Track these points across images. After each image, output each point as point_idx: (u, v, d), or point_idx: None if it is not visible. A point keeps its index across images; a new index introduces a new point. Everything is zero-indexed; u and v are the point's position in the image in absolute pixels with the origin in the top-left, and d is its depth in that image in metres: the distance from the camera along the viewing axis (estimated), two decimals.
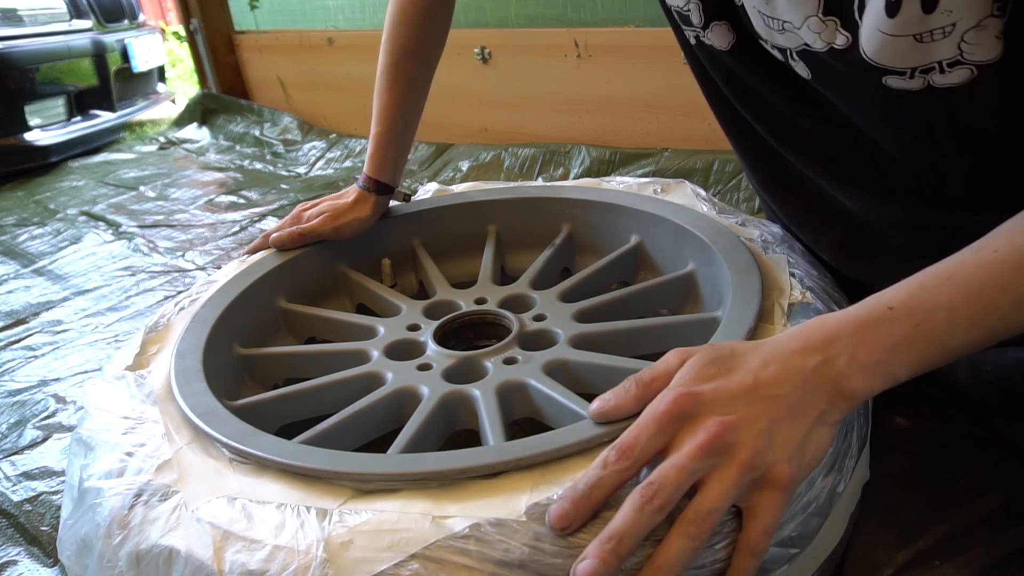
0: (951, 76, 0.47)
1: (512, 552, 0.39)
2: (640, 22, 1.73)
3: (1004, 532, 0.52)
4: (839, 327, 0.44)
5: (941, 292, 0.43)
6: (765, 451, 0.40)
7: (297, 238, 0.79)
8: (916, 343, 0.42)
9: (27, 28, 2.57)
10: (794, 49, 0.55)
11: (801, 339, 0.44)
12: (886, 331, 0.42)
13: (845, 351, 0.42)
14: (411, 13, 0.81)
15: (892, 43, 0.47)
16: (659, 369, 0.45)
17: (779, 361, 0.43)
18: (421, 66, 0.83)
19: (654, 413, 0.41)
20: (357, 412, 0.58)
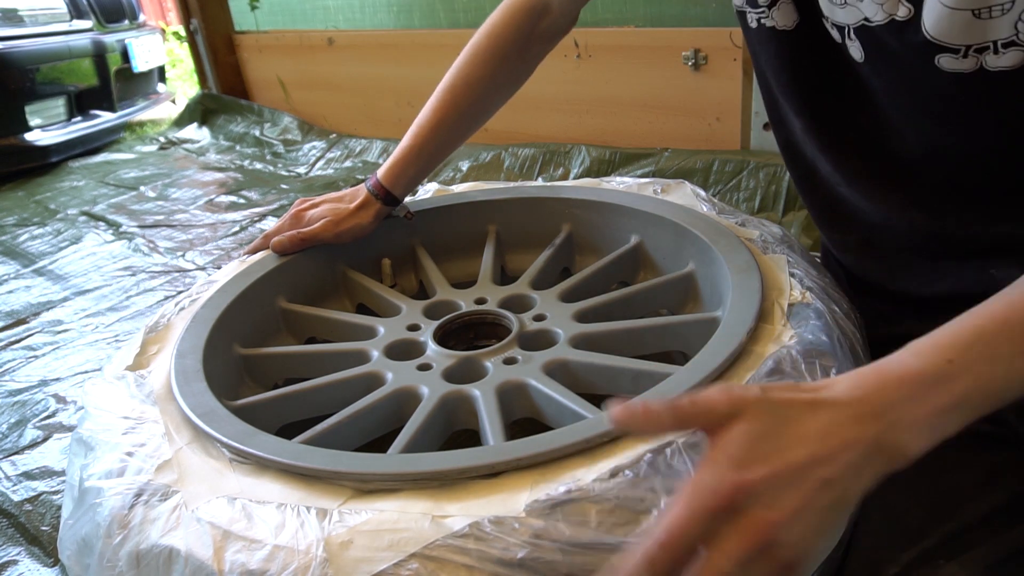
0: (1004, 58, 0.48)
1: (511, 551, 0.39)
2: (640, 22, 1.73)
3: (1009, 530, 0.52)
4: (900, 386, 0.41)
5: (999, 341, 0.41)
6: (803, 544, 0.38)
7: (298, 243, 0.79)
8: (974, 399, 0.40)
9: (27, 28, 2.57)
10: (852, 26, 0.56)
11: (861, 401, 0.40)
12: (946, 390, 0.40)
13: (906, 416, 0.40)
14: (489, 51, 0.81)
15: (951, 16, 0.47)
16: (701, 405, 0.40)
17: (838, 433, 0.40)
18: (475, 104, 0.82)
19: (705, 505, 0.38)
20: (357, 412, 0.58)
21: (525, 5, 0.81)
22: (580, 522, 0.41)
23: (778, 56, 0.65)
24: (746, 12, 0.65)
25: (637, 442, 0.45)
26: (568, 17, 0.84)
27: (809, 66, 0.63)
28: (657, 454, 0.44)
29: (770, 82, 0.69)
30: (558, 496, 0.42)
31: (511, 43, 0.81)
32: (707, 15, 1.61)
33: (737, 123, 1.64)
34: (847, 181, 0.65)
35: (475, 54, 0.81)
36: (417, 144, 0.81)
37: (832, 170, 0.66)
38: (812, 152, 0.68)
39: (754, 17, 0.64)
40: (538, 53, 0.85)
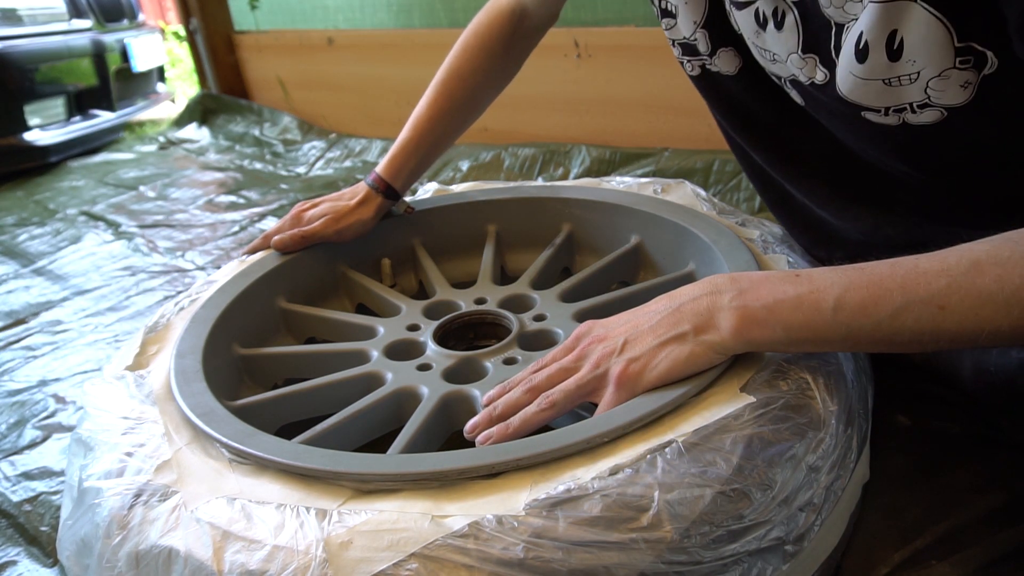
0: (923, 116, 0.49)
1: (511, 550, 0.39)
2: (640, 22, 1.73)
3: (1002, 531, 0.52)
4: (742, 275, 0.48)
5: (847, 273, 0.45)
6: (610, 357, 0.49)
7: (299, 240, 0.79)
8: (804, 306, 0.45)
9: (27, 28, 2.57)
10: (786, 78, 0.58)
11: (706, 281, 0.49)
12: (781, 287, 0.46)
13: (734, 291, 0.47)
14: (477, 47, 0.83)
15: (864, 85, 0.49)
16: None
17: (673, 295, 0.50)
18: (468, 95, 0.83)
19: (564, 344, 0.53)
20: (357, 412, 0.58)
21: (504, 9, 0.83)
22: (580, 521, 0.41)
23: (727, 99, 0.66)
24: (683, 62, 0.66)
25: (637, 442, 0.45)
26: (546, 17, 0.86)
27: (760, 106, 0.64)
28: (657, 453, 0.44)
29: (723, 123, 0.70)
30: (558, 495, 0.42)
31: (496, 41, 0.83)
32: None
33: None
34: (819, 204, 0.66)
35: (464, 49, 0.83)
36: (415, 136, 0.82)
37: (803, 195, 0.67)
38: (780, 179, 0.69)
39: (696, 64, 0.66)
40: (523, 49, 0.88)
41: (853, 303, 0.44)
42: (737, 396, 0.48)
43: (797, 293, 0.45)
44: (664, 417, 0.47)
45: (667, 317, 0.48)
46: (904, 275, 0.43)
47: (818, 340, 0.45)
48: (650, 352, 0.48)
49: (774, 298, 0.46)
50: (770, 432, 0.45)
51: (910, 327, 0.43)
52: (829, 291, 0.44)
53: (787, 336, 0.45)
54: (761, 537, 0.43)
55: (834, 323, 0.44)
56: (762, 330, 0.46)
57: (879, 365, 0.62)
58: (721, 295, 0.47)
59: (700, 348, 0.47)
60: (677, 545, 0.41)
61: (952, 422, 0.61)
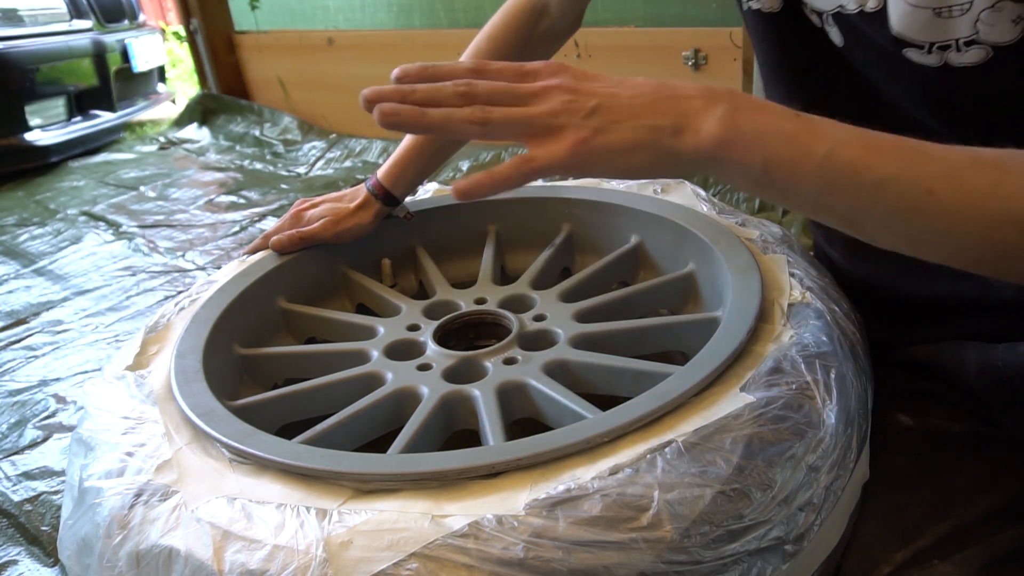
0: (967, 55, 0.48)
1: (511, 550, 0.39)
2: (640, 22, 1.73)
3: (1004, 531, 0.52)
4: (744, 95, 0.44)
5: (849, 130, 0.42)
6: (575, 115, 0.43)
7: (297, 242, 0.79)
8: (795, 143, 0.42)
9: (27, 28, 2.57)
10: (829, 12, 0.56)
11: (706, 87, 0.44)
12: (778, 120, 0.43)
13: (730, 105, 0.43)
14: (489, 53, 0.81)
15: (913, 13, 0.48)
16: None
17: (665, 83, 0.45)
18: None
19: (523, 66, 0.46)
20: (357, 412, 0.58)
21: (524, 7, 0.81)
22: (580, 521, 0.41)
23: (766, 39, 0.65)
24: None
25: (637, 441, 0.45)
26: (568, 20, 0.84)
27: (796, 50, 0.63)
28: (657, 452, 0.44)
29: (762, 66, 0.69)
30: (558, 495, 0.42)
31: (511, 45, 0.81)
32: (707, 15, 1.61)
33: None
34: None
35: (475, 56, 0.81)
36: (418, 144, 0.81)
37: None
38: None
39: (744, 1, 0.65)
40: (539, 55, 0.85)
41: (844, 157, 0.41)
42: (737, 396, 0.48)
43: (794, 129, 0.42)
44: (664, 417, 0.47)
45: (652, 102, 0.44)
46: (906, 149, 0.41)
47: (791, 187, 0.43)
48: (620, 132, 0.43)
49: (768, 125, 0.42)
50: (770, 432, 0.45)
51: (889, 203, 0.40)
52: (825, 138, 0.42)
53: (764, 169, 0.42)
54: (761, 537, 0.43)
55: (816, 172, 0.41)
56: (742, 152, 0.42)
57: (879, 365, 0.62)
58: (716, 103, 0.43)
59: (669, 150, 0.43)
60: (677, 545, 0.41)
61: (953, 421, 0.61)
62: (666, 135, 0.43)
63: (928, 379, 0.64)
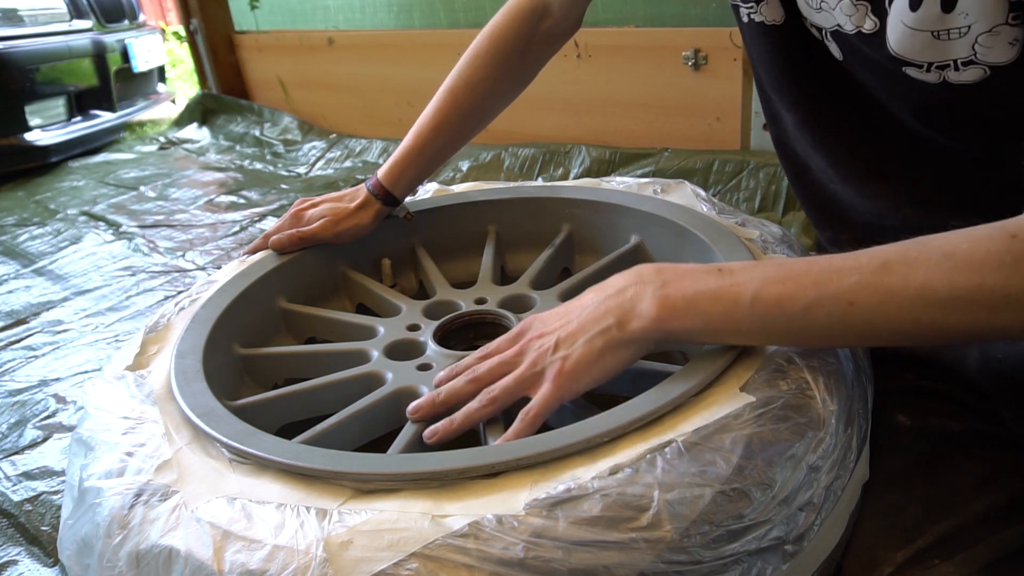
0: (965, 74, 0.49)
1: (511, 550, 0.39)
2: (640, 22, 1.73)
3: (1005, 530, 0.51)
4: (668, 267, 0.50)
5: (767, 268, 0.47)
6: (547, 356, 0.51)
7: (297, 241, 0.79)
8: (723, 298, 0.47)
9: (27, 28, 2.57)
10: (828, 29, 0.58)
11: (634, 271, 0.51)
12: (703, 280, 0.48)
13: (658, 282, 0.49)
14: (490, 53, 0.81)
15: (912, 36, 0.49)
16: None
17: (601, 287, 0.52)
18: (477, 106, 0.82)
19: (508, 335, 0.56)
20: (357, 412, 0.58)
21: (525, 7, 0.81)
22: (580, 521, 0.41)
23: (769, 51, 0.65)
24: (739, 7, 0.65)
25: (637, 441, 0.45)
26: (569, 21, 0.84)
27: (798, 61, 0.64)
28: (657, 452, 0.44)
29: (762, 78, 0.69)
30: (558, 495, 0.42)
31: (512, 45, 0.82)
32: (707, 15, 1.61)
33: (737, 123, 1.64)
34: (840, 178, 0.66)
35: (476, 56, 0.82)
36: (418, 145, 0.81)
37: (825, 167, 0.67)
38: (804, 149, 0.69)
39: (745, 12, 0.65)
40: (540, 56, 0.85)
41: (769, 297, 0.45)
42: (737, 396, 0.48)
43: (718, 286, 0.47)
44: (664, 417, 0.47)
45: (594, 311, 0.51)
46: (819, 271, 0.45)
47: (735, 331, 0.48)
48: (580, 350, 0.50)
49: (695, 290, 0.48)
50: (770, 432, 0.45)
51: (821, 321, 0.45)
52: (748, 285, 0.46)
53: (705, 326, 0.48)
54: (761, 537, 0.43)
55: (751, 315, 0.46)
56: (682, 320, 0.48)
57: (879, 364, 0.62)
58: (646, 286, 0.49)
59: (623, 341, 0.49)
60: (677, 545, 0.41)
61: (953, 420, 0.61)
62: (614, 332, 0.49)
63: (929, 376, 0.64)
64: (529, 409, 0.50)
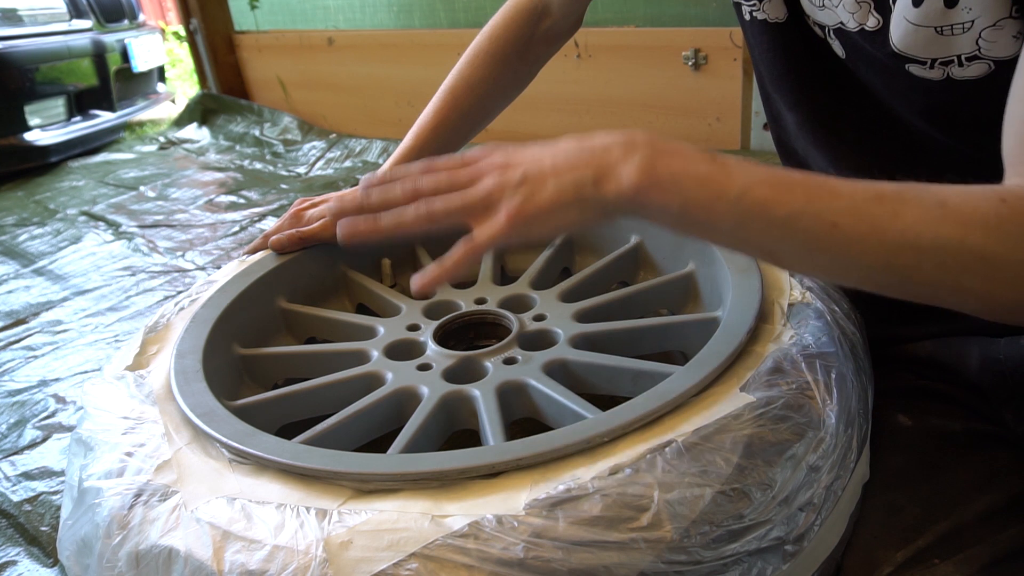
0: (969, 70, 0.49)
1: (511, 550, 0.39)
2: (640, 22, 1.73)
3: (1005, 530, 0.52)
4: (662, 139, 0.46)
5: (762, 170, 0.44)
6: (507, 188, 0.47)
7: (296, 241, 0.79)
8: (709, 185, 0.44)
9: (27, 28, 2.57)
10: (831, 27, 0.57)
11: (626, 132, 0.46)
12: (694, 163, 0.44)
13: (647, 151, 0.45)
14: (490, 53, 0.81)
15: (915, 32, 0.49)
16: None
17: (585, 138, 0.47)
18: (477, 106, 0.82)
19: (463, 154, 0.51)
20: (357, 412, 0.58)
21: (525, 7, 0.81)
22: (580, 521, 0.41)
23: (771, 49, 0.65)
24: (741, 4, 0.66)
25: (637, 441, 0.45)
26: (570, 20, 0.84)
27: (800, 59, 0.64)
28: (657, 452, 0.44)
29: (764, 76, 0.69)
30: (558, 495, 0.42)
31: (512, 45, 0.81)
32: (707, 15, 1.61)
33: (737, 123, 1.64)
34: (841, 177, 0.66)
35: (476, 56, 0.81)
36: (418, 145, 0.81)
37: (826, 166, 0.67)
38: (805, 148, 0.69)
39: (747, 10, 0.65)
40: (540, 56, 0.85)
41: (756, 196, 0.43)
42: (737, 396, 0.48)
43: (708, 171, 0.44)
44: (664, 417, 0.47)
45: (572, 158, 0.47)
46: (813, 185, 0.43)
47: (711, 224, 0.45)
48: (548, 193, 0.46)
49: (684, 169, 0.44)
50: (770, 432, 0.45)
51: (799, 236, 0.43)
52: (738, 179, 0.44)
53: (682, 209, 0.44)
54: (761, 537, 0.43)
55: (731, 210, 0.43)
56: (661, 195, 0.44)
57: (879, 364, 0.62)
58: (634, 150, 0.45)
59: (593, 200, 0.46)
60: (677, 545, 0.41)
61: (953, 420, 0.61)
62: (588, 186, 0.45)
63: (929, 376, 0.64)
64: (473, 238, 0.47)
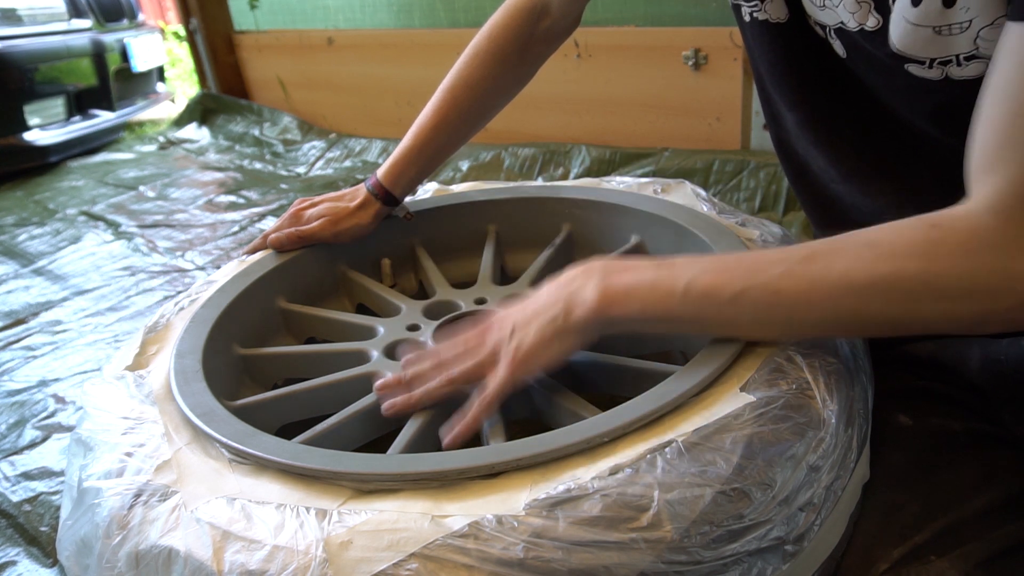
0: (967, 69, 0.50)
1: (511, 550, 0.39)
2: (640, 22, 1.73)
3: (1001, 527, 0.52)
4: (616, 263, 0.53)
5: (703, 261, 0.50)
6: (503, 343, 0.54)
7: (295, 240, 0.79)
8: (659, 288, 0.50)
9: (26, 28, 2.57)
10: (832, 27, 0.58)
11: (585, 264, 0.54)
12: (643, 273, 0.51)
13: (602, 274, 0.52)
14: (489, 52, 0.81)
15: (914, 32, 0.50)
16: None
17: (555, 280, 0.54)
18: (476, 105, 0.82)
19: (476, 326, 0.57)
20: (357, 412, 0.58)
21: (524, 6, 0.81)
22: (580, 521, 0.41)
23: (772, 49, 0.65)
24: (740, 6, 0.66)
25: (637, 441, 0.45)
26: (568, 19, 0.84)
27: (801, 59, 0.64)
28: (657, 452, 0.44)
29: (764, 77, 0.69)
30: (558, 495, 0.42)
31: (511, 44, 0.81)
32: (707, 15, 1.61)
33: (737, 123, 1.64)
34: (841, 177, 0.66)
35: (475, 55, 0.81)
36: (417, 145, 0.81)
37: (825, 166, 0.67)
38: (804, 148, 0.69)
39: (748, 10, 0.65)
40: (539, 55, 0.85)
41: (700, 287, 0.48)
42: (737, 396, 0.48)
43: (655, 276, 0.50)
44: (664, 417, 0.47)
45: (545, 301, 0.54)
46: (750, 263, 0.48)
47: (670, 319, 0.50)
48: (531, 337, 0.53)
49: (635, 280, 0.51)
50: (770, 432, 0.45)
51: (748, 310, 0.47)
52: (682, 276, 0.49)
53: (642, 314, 0.50)
54: (761, 537, 0.43)
55: (683, 303, 0.49)
56: (620, 308, 0.50)
57: (879, 364, 0.62)
58: (590, 277, 0.52)
59: (569, 329, 0.52)
60: (677, 545, 0.41)
61: (952, 420, 0.61)
62: (561, 320, 0.52)
63: (929, 376, 0.64)
64: (485, 395, 0.53)
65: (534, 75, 0.87)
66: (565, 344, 0.53)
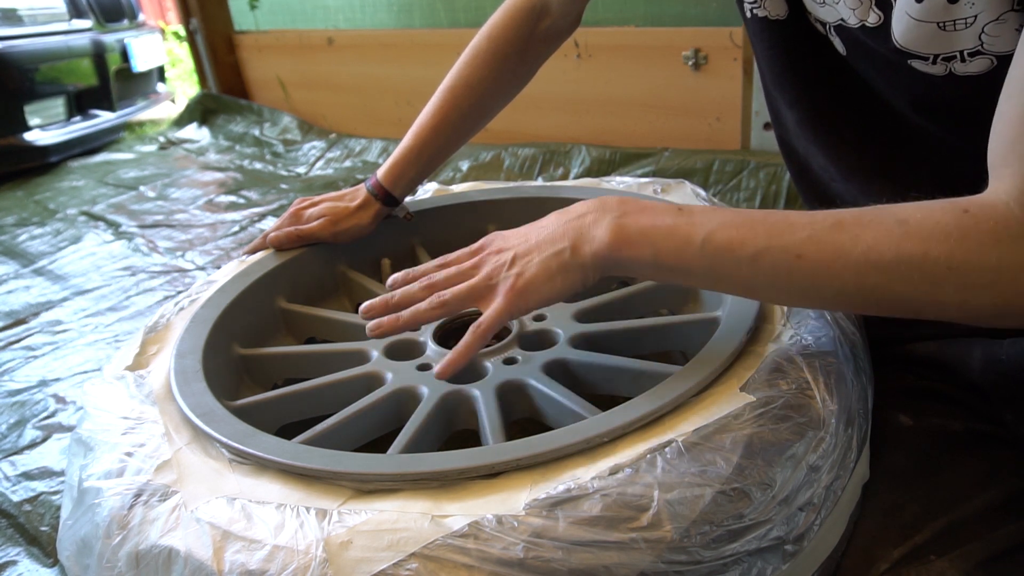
0: (971, 65, 0.49)
1: (511, 550, 0.39)
2: (640, 22, 1.73)
3: (1001, 527, 0.52)
4: (631, 200, 0.51)
5: (725, 214, 0.48)
6: (502, 271, 0.52)
7: (295, 239, 0.79)
8: (676, 235, 0.47)
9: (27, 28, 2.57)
10: (832, 24, 0.58)
11: (599, 199, 0.52)
12: (661, 217, 0.49)
13: (618, 212, 0.50)
14: (489, 52, 0.81)
15: (917, 27, 0.49)
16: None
17: (565, 210, 0.53)
18: (476, 105, 0.82)
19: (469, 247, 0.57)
20: (357, 412, 0.58)
21: (524, 6, 0.81)
22: (580, 521, 0.41)
23: (772, 46, 0.65)
24: (743, 2, 0.66)
25: (637, 441, 0.45)
26: (568, 19, 0.84)
27: (801, 56, 0.64)
28: (657, 452, 0.44)
29: (765, 74, 0.69)
30: (558, 495, 0.42)
31: (511, 44, 0.81)
32: (707, 15, 1.61)
33: (737, 123, 1.64)
34: (842, 176, 0.66)
35: (475, 55, 0.81)
36: (417, 145, 0.81)
37: (826, 164, 0.67)
38: (805, 147, 0.69)
39: (748, 7, 0.65)
40: (539, 55, 0.85)
41: (720, 240, 0.46)
42: (737, 396, 0.48)
43: (674, 223, 0.48)
44: (664, 417, 0.47)
45: (552, 232, 0.52)
46: (774, 222, 0.45)
47: (684, 270, 0.48)
48: (533, 269, 0.51)
49: (651, 223, 0.48)
50: (770, 432, 0.45)
51: (767, 271, 0.45)
52: (702, 226, 0.47)
53: (655, 260, 0.48)
54: (761, 537, 0.43)
55: (700, 255, 0.47)
56: (632, 250, 0.48)
57: (879, 364, 0.62)
58: (605, 213, 0.50)
59: (575, 265, 0.50)
60: (677, 545, 0.41)
61: (953, 420, 0.61)
62: (567, 254, 0.50)
63: (930, 376, 0.64)
64: (480, 323, 0.52)
65: (534, 75, 0.87)
66: (568, 280, 0.51)
